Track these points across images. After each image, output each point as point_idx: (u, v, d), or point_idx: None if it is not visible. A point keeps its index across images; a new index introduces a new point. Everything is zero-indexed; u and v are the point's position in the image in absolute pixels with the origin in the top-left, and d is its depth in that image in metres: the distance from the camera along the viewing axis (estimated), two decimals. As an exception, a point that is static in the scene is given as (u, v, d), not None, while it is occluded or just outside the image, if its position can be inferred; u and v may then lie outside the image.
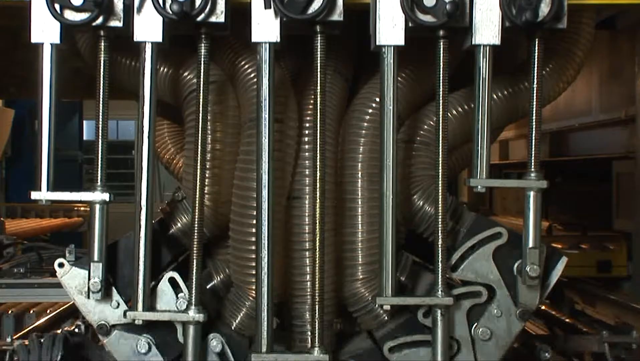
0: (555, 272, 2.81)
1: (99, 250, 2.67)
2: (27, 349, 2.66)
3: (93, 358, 2.86)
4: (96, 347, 2.88)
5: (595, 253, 5.73)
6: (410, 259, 2.97)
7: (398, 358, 2.76)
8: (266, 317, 2.63)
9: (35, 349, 2.66)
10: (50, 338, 2.71)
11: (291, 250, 2.82)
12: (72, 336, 2.81)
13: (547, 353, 2.96)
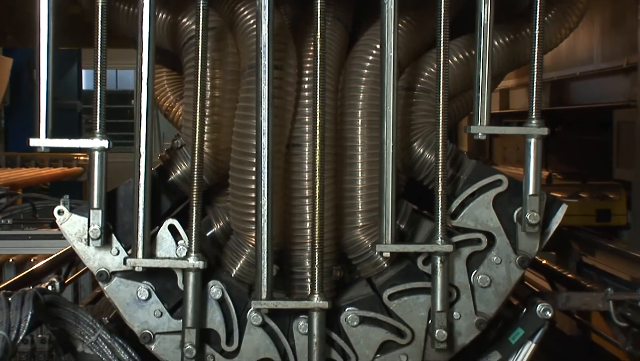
0: (555, 219, 2.81)
1: (99, 197, 2.66)
2: None
3: (66, 317, 2.76)
4: (70, 305, 2.80)
5: (595, 202, 5.74)
6: (410, 207, 2.97)
7: (397, 305, 2.78)
8: (266, 264, 2.64)
9: (3, 309, 2.51)
10: (20, 296, 2.56)
11: (291, 198, 2.82)
12: (43, 294, 2.67)
13: (549, 311, 2.88)
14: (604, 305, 3.16)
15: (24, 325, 2.50)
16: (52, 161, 11.28)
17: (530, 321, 2.88)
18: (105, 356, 2.77)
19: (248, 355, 2.76)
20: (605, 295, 3.16)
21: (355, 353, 2.76)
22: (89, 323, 2.77)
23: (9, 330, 2.46)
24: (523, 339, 2.88)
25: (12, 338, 2.45)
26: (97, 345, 2.77)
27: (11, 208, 6.54)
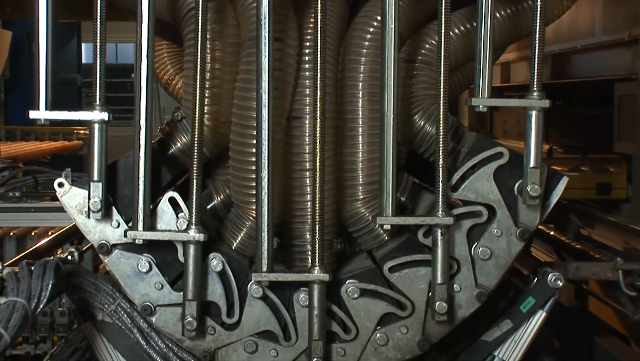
0: (556, 192, 2.81)
1: (99, 170, 2.66)
2: (17, 277, 2.56)
3: (86, 286, 2.82)
4: (90, 275, 2.84)
5: (595, 176, 5.73)
6: (410, 180, 2.96)
7: (398, 278, 2.78)
8: (266, 237, 2.64)
9: (25, 277, 2.56)
10: (41, 266, 2.62)
11: (291, 170, 2.82)
12: (64, 264, 2.73)
13: (560, 280, 2.89)
14: (614, 275, 3.17)
15: (45, 293, 2.54)
16: (52, 135, 11.27)
17: (541, 290, 2.90)
18: (125, 324, 2.82)
19: (249, 327, 2.77)
20: (615, 265, 3.17)
21: (355, 326, 2.77)
22: (108, 292, 2.81)
23: (29, 298, 2.50)
24: (534, 308, 2.90)
25: (33, 306, 2.50)
26: (116, 313, 2.82)
27: (14, 180, 6.54)
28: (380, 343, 2.77)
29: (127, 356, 2.87)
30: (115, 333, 2.85)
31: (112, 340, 2.86)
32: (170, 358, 2.80)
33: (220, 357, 2.77)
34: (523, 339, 2.92)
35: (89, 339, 2.89)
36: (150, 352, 2.81)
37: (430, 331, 2.79)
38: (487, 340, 2.90)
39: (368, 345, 2.77)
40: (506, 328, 2.90)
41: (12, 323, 2.39)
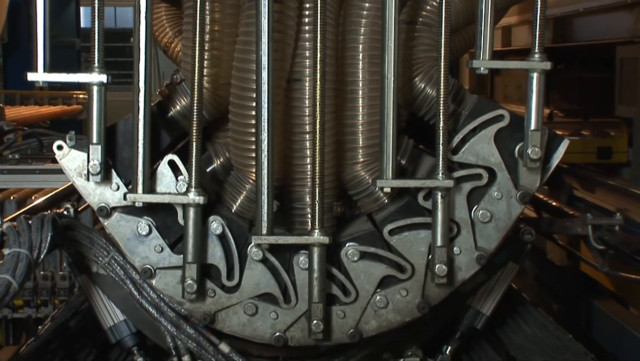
0: (557, 155, 2.80)
1: (98, 132, 2.65)
2: (16, 230, 2.63)
3: (82, 240, 2.86)
4: (85, 228, 2.88)
5: (596, 140, 5.71)
6: (411, 143, 2.96)
7: (398, 241, 2.78)
8: (266, 200, 2.64)
9: (24, 230, 2.63)
10: (39, 220, 2.68)
11: (291, 133, 2.81)
12: (60, 218, 2.79)
13: (531, 235, 3.04)
14: (583, 229, 3.33)
15: (44, 245, 2.62)
16: (51, 100, 11.24)
17: (513, 244, 3.01)
18: (118, 276, 2.88)
19: (249, 290, 2.77)
20: (585, 220, 3.31)
21: (355, 288, 2.77)
22: (102, 245, 2.87)
23: (31, 248, 2.59)
24: (506, 261, 3.04)
25: (34, 256, 2.59)
26: (110, 265, 2.88)
27: (18, 143, 6.57)
28: (380, 306, 2.78)
29: (120, 306, 2.96)
30: (109, 284, 2.92)
31: (106, 291, 2.95)
32: (161, 308, 2.86)
33: (220, 319, 2.78)
34: (496, 290, 3.06)
35: (84, 290, 2.97)
36: (142, 302, 2.87)
37: (429, 293, 2.79)
38: (462, 291, 2.94)
39: (368, 307, 2.78)
40: (480, 280, 3.00)
41: (19, 271, 2.51)
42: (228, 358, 2.88)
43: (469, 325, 3.07)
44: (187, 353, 2.91)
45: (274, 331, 2.79)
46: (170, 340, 2.91)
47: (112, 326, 2.99)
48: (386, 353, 3.01)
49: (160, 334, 2.93)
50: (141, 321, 2.97)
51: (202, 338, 2.87)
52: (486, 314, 3.06)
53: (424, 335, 3.06)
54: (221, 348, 2.89)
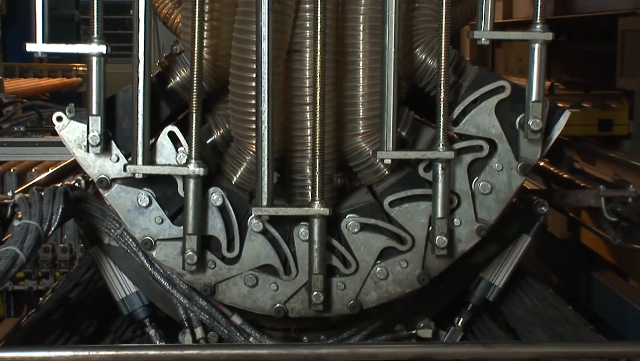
0: (558, 126, 2.80)
1: (97, 104, 2.65)
2: (28, 202, 2.66)
3: (93, 212, 2.88)
4: (96, 201, 2.90)
5: (597, 112, 5.69)
6: (411, 114, 2.94)
7: (398, 212, 2.78)
8: (266, 171, 2.63)
9: (36, 202, 2.65)
10: (51, 192, 2.71)
11: (291, 104, 2.80)
12: (72, 190, 2.82)
13: (544, 207, 3.02)
14: (596, 201, 3.30)
15: (56, 217, 2.65)
16: (50, 72, 11.19)
17: (526, 216, 3.01)
18: (130, 248, 2.90)
19: (249, 261, 2.77)
20: (598, 192, 3.28)
21: (355, 260, 2.78)
22: (114, 218, 2.88)
23: (41, 221, 2.61)
24: (519, 233, 3.03)
25: (45, 229, 2.61)
26: (122, 238, 2.90)
27: (18, 115, 6.54)
28: (380, 277, 2.79)
29: (132, 278, 2.98)
30: (121, 256, 2.95)
31: (118, 263, 2.97)
32: (173, 280, 2.88)
33: (220, 291, 2.79)
34: (509, 262, 3.06)
35: (96, 262, 2.99)
36: (154, 274, 2.89)
37: (430, 265, 2.80)
38: (475, 263, 2.97)
39: (368, 279, 2.78)
40: (493, 252, 3.01)
41: (27, 243, 2.52)
42: (240, 329, 2.91)
43: (481, 297, 3.08)
44: (199, 325, 2.95)
45: (274, 302, 2.79)
46: (182, 312, 2.95)
47: (124, 298, 3.01)
48: (398, 325, 3.03)
49: (173, 306, 2.96)
50: (153, 293, 2.99)
51: (214, 310, 2.91)
52: (498, 286, 3.06)
53: (436, 307, 3.08)
54: (233, 319, 2.92)
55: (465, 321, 3.08)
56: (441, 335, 3.07)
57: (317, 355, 2.53)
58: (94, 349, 2.43)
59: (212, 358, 2.52)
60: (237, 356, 2.52)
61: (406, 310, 3.00)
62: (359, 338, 2.98)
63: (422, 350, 2.55)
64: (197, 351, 2.51)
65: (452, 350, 2.62)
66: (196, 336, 2.96)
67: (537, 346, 2.61)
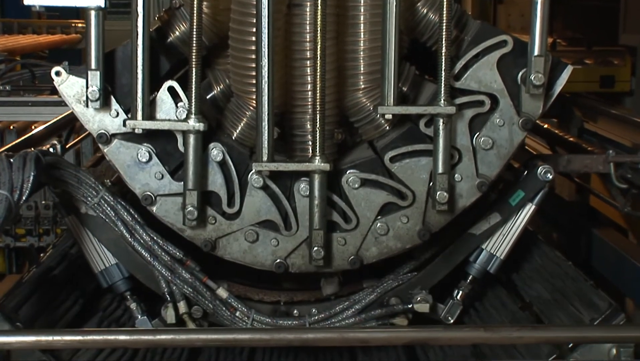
0: (560, 82, 2.78)
1: (96, 58, 2.63)
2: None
3: (68, 179, 2.77)
4: (72, 167, 2.80)
5: (599, 68, 5.67)
6: (412, 69, 2.92)
7: (399, 168, 2.77)
8: (267, 126, 2.62)
9: (5, 169, 2.47)
10: (21, 158, 2.52)
11: (292, 59, 2.77)
12: (44, 156, 2.65)
13: (550, 173, 2.87)
14: (605, 167, 3.16)
15: (27, 185, 2.48)
16: (49, 29, 11.13)
17: (530, 183, 2.89)
18: (109, 217, 2.79)
19: (249, 216, 2.77)
20: (607, 157, 3.15)
21: (356, 215, 2.77)
22: (91, 185, 2.78)
23: (11, 190, 2.44)
24: (523, 201, 2.89)
25: (16, 198, 2.44)
26: (100, 206, 2.78)
27: (10, 74, 6.47)
28: (380, 233, 2.78)
29: (111, 249, 2.87)
30: (100, 226, 2.83)
31: (96, 233, 2.85)
32: (155, 251, 2.78)
33: (221, 246, 2.79)
34: (512, 232, 2.92)
35: (73, 232, 2.87)
36: (135, 245, 2.79)
37: (430, 220, 2.79)
38: (475, 233, 2.91)
39: (368, 234, 2.78)
40: (494, 221, 2.91)
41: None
42: (226, 303, 2.82)
43: (481, 268, 2.93)
44: (182, 299, 2.82)
45: (274, 257, 2.79)
46: (165, 285, 2.81)
47: (103, 270, 2.87)
48: (394, 299, 2.91)
49: (155, 279, 2.83)
50: (134, 265, 2.86)
51: (198, 283, 2.80)
52: (500, 257, 2.92)
53: (434, 280, 2.94)
54: (219, 293, 2.83)
55: (464, 294, 2.94)
56: (439, 309, 2.93)
57: (303, 340, 2.35)
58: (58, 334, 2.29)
59: (187, 343, 2.37)
60: (216, 341, 2.37)
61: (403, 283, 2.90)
62: (351, 313, 2.87)
63: (417, 335, 2.37)
64: (172, 336, 2.31)
65: (450, 335, 2.41)
66: (179, 310, 2.83)
67: (543, 331, 2.46)
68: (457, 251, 2.92)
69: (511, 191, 2.90)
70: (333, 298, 2.96)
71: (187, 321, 2.84)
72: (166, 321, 2.84)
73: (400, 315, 2.91)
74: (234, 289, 2.89)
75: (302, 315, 2.93)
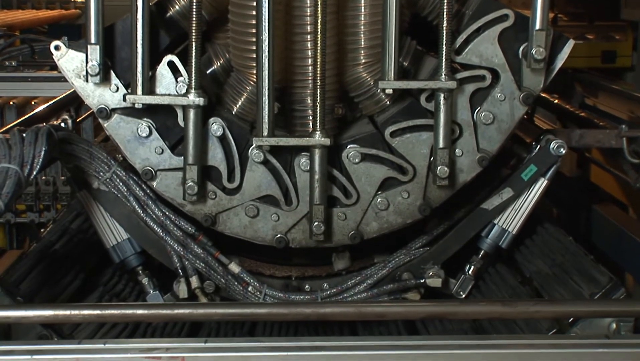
0: (561, 56, 2.77)
1: (96, 32, 2.62)
2: (8, 144, 2.48)
3: (80, 154, 2.77)
4: (84, 142, 2.81)
5: (600, 44, 5.64)
6: (413, 44, 2.91)
7: (399, 142, 2.77)
8: (267, 101, 2.61)
9: (17, 144, 2.48)
10: (33, 133, 2.53)
11: (292, 34, 2.76)
12: (57, 131, 2.66)
13: (563, 148, 2.86)
14: (618, 142, 3.13)
15: (38, 160, 2.48)
16: (49, 4, 11.09)
17: (543, 158, 2.87)
18: (121, 192, 2.80)
19: (250, 191, 2.77)
20: (620, 132, 3.12)
21: (356, 190, 2.77)
22: (103, 160, 2.78)
23: (22, 165, 2.44)
24: (536, 176, 2.88)
25: (26, 173, 2.44)
26: (112, 181, 2.79)
27: (9, 49, 6.44)
28: (381, 208, 2.78)
29: (123, 224, 2.86)
30: (112, 201, 2.83)
31: (108, 208, 2.85)
32: (167, 226, 2.79)
33: (221, 221, 2.79)
34: (524, 207, 2.91)
35: (85, 207, 2.88)
36: (147, 220, 2.80)
37: (431, 195, 2.79)
38: (487, 208, 2.89)
39: (369, 209, 2.78)
40: (507, 196, 2.89)
41: (6, 189, 2.35)
42: (238, 278, 2.82)
43: (493, 244, 2.91)
44: (195, 274, 2.83)
45: (275, 232, 2.79)
46: (177, 260, 2.82)
47: (114, 245, 2.88)
48: (406, 274, 2.90)
49: (167, 254, 2.84)
50: (146, 240, 2.87)
51: (210, 258, 2.81)
52: (512, 232, 2.91)
53: (446, 255, 2.93)
54: (231, 268, 2.83)
55: (476, 270, 2.93)
56: (451, 284, 2.92)
57: (320, 314, 2.38)
58: (76, 308, 2.30)
59: (205, 318, 2.40)
60: (234, 315, 2.39)
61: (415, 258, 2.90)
62: (363, 287, 2.86)
63: (434, 309, 2.39)
64: (190, 311, 2.34)
65: (467, 310, 2.45)
66: (192, 285, 2.83)
67: (559, 305, 2.48)
68: (469, 226, 2.91)
69: (523, 166, 2.88)
70: (344, 273, 2.97)
71: (200, 296, 2.85)
72: (178, 296, 2.85)
73: (412, 290, 2.90)
74: (245, 264, 2.90)
75: (314, 290, 2.95)
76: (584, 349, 2.23)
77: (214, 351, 2.14)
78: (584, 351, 2.22)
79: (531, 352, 2.21)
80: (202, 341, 2.18)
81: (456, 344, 2.22)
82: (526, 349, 2.22)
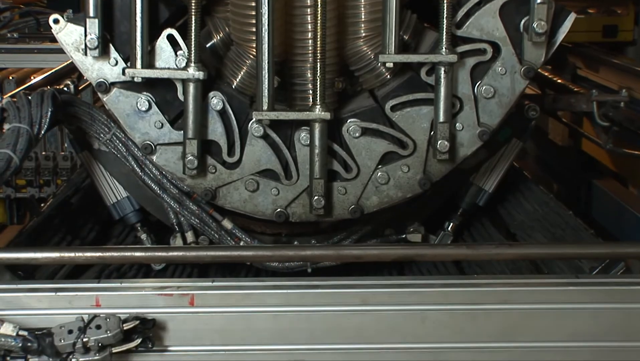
0: (563, 29, 2.75)
1: (94, 6, 2.61)
2: (16, 106, 2.62)
3: (82, 116, 2.86)
4: (85, 105, 2.89)
5: (602, 18, 5.61)
6: (414, 17, 2.89)
7: (400, 116, 2.76)
8: (267, 75, 2.61)
9: (24, 106, 2.62)
10: (39, 95, 2.68)
11: (292, 7, 2.75)
12: (60, 94, 2.78)
13: (535, 111, 3.03)
14: (588, 106, 3.31)
15: (45, 120, 2.62)
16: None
17: (517, 120, 3.00)
18: (120, 152, 2.89)
19: (249, 165, 2.77)
20: (590, 96, 3.29)
21: (356, 164, 2.77)
22: (103, 122, 2.88)
23: (31, 124, 2.58)
24: (510, 137, 3.03)
25: (35, 132, 2.59)
26: (112, 142, 2.88)
27: (15, 22, 6.45)
28: (381, 182, 2.78)
29: (123, 183, 2.98)
30: (111, 161, 2.94)
31: (108, 168, 2.97)
32: (164, 185, 2.88)
33: (221, 195, 2.79)
34: (499, 167, 3.09)
35: (86, 167, 3.00)
36: (145, 179, 2.89)
37: (431, 169, 2.79)
38: (463, 168, 2.94)
39: (369, 183, 2.78)
40: (483, 157, 3.00)
41: (19, 146, 2.51)
42: (231, 234, 2.92)
43: (470, 201, 3.12)
44: (190, 230, 2.96)
45: (275, 207, 2.79)
46: (173, 217, 2.96)
47: (115, 203, 3.02)
48: (388, 230, 3.05)
49: (163, 211, 2.97)
50: (144, 198, 3.00)
51: (204, 215, 2.91)
52: (488, 191, 3.10)
53: (426, 212, 3.10)
54: (224, 224, 2.93)
55: (455, 226, 3.13)
56: (431, 240, 3.10)
57: (302, 256, 2.61)
58: (80, 250, 2.47)
59: (197, 259, 2.58)
60: (222, 257, 2.57)
61: (396, 215, 3.01)
62: (348, 243, 2.99)
63: (406, 252, 2.60)
64: (183, 253, 2.54)
65: (436, 252, 2.69)
66: (187, 240, 2.97)
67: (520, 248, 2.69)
68: (446, 184, 2.98)
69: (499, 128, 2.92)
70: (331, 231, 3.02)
71: (195, 249, 2.94)
72: (175, 249, 2.95)
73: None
74: (237, 222, 2.95)
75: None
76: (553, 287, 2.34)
77: (220, 289, 2.31)
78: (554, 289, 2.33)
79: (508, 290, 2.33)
80: (209, 281, 2.35)
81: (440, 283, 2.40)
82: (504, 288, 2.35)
